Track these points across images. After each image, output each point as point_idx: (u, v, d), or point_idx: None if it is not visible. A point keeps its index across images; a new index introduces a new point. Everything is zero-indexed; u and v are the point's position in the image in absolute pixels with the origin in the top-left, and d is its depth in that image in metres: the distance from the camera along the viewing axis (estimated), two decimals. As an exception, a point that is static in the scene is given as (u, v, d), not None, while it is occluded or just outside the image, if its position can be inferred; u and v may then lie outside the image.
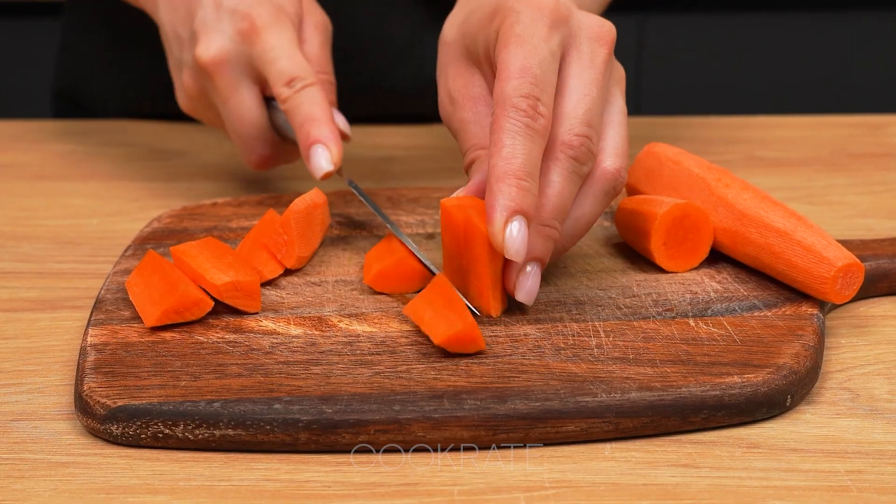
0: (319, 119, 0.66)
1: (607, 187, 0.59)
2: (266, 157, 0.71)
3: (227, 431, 0.51)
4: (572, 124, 0.57)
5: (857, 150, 0.86)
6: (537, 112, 0.56)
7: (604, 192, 0.59)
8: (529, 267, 0.57)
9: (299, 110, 0.66)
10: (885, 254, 0.65)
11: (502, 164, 0.55)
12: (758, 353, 0.55)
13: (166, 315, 0.57)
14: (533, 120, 0.55)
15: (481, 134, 0.61)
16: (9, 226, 0.74)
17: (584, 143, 0.57)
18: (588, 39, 0.59)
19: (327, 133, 0.66)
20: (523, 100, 0.55)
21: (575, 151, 0.57)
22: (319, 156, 0.65)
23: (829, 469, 0.50)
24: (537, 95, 0.56)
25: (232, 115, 0.69)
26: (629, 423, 0.52)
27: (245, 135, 0.69)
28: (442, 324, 0.55)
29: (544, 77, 0.56)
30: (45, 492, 0.49)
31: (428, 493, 0.49)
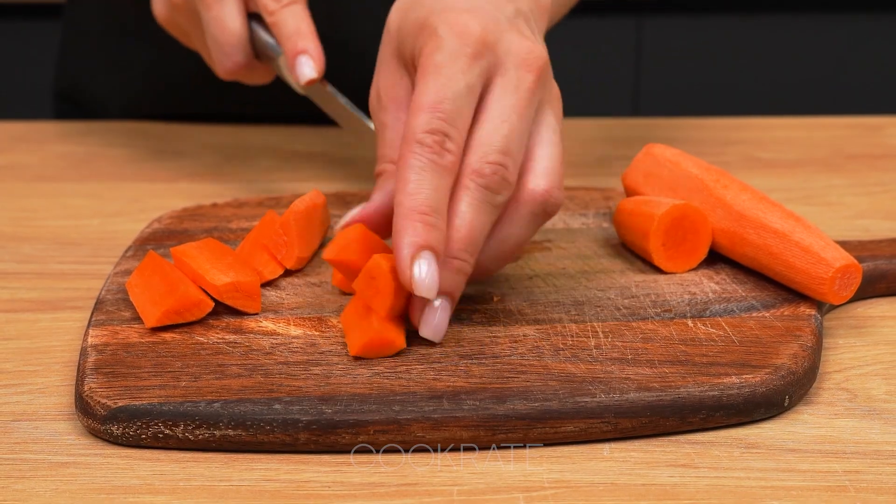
0: (305, 33, 0.69)
1: (535, 209, 0.56)
2: (240, 66, 0.73)
3: (228, 432, 0.51)
4: (485, 152, 0.55)
5: (854, 151, 0.86)
6: (444, 149, 0.54)
7: (531, 214, 0.56)
8: (437, 301, 0.55)
9: (287, 23, 0.69)
10: (883, 255, 0.65)
11: (407, 202, 0.53)
12: (756, 353, 0.55)
13: (167, 316, 0.57)
14: (439, 156, 0.54)
15: (395, 143, 0.59)
16: (9, 226, 0.74)
17: (496, 171, 0.55)
18: (514, 66, 0.57)
19: (312, 45, 0.69)
20: (429, 136, 0.54)
21: (486, 180, 0.55)
22: (304, 64, 0.69)
23: (827, 469, 0.50)
24: (445, 131, 0.54)
25: (214, 21, 0.71)
26: (628, 423, 0.52)
27: (224, 42, 0.71)
28: (356, 333, 0.55)
29: (455, 112, 0.55)
30: (46, 492, 0.49)
31: (427, 493, 0.49)
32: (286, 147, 0.87)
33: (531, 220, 0.57)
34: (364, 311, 0.55)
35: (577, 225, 0.69)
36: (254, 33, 0.73)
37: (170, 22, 0.75)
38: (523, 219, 0.57)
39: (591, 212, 0.71)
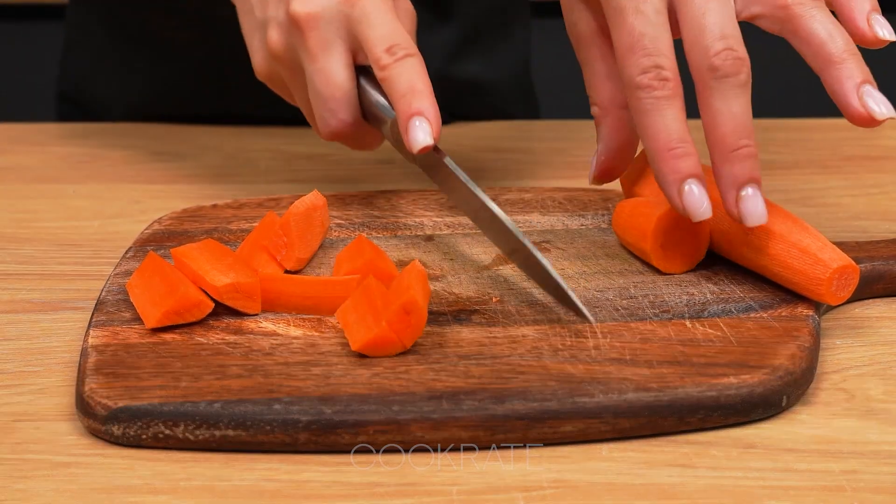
0: (422, 91, 0.62)
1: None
2: (346, 125, 0.65)
3: (228, 432, 0.51)
4: (705, 46, 0.56)
5: (851, 152, 0.86)
6: (661, 79, 0.56)
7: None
8: (748, 190, 0.57)
9: (400, 79, 0.62)
10: (880, 256, 0.65)
11: (652, 145, 0.57)
12: (754, 354, 0.55)
13: (167, 316, 0.57)
14: (661, 90, 0.56)
15: (591, 83, 0.63)
16: (10, 228, 0.74)
17: (727, 56, 0.56)
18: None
19: (428, 106, 0.61)
20: (644, 76, 0.56)
21: (722, 70, 0.56)
22: (418, 128, 0.61)
23: (825, 469, 0.50)
24: (656, 63, 0.56)
25: (319, 75, 0.64)
26: (626, 423, 0.52)
27: (329, 97, 0.64)
28: (361, 329, 0.55)
29: (656, 39, 0.57)
30: (47, 492, 0.49)
31: (427, 492, 0.49)
32: (286, 149, 0.87)
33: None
34: (369, 307, 0.55)
35: (575, 226, 0.69)
36: (363, 91, 0.66)
37: (270, 77, 0.69)
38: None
39: (589, 213, 0.71)
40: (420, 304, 0.54)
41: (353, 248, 0.62)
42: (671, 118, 0.57)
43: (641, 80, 0.57)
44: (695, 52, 0.57)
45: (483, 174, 0.83)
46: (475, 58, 0.95)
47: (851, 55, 0.57)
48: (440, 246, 0.67)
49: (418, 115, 0.61)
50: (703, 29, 0.57)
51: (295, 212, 0.63)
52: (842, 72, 0.57)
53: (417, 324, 0.55)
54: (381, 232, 0.69)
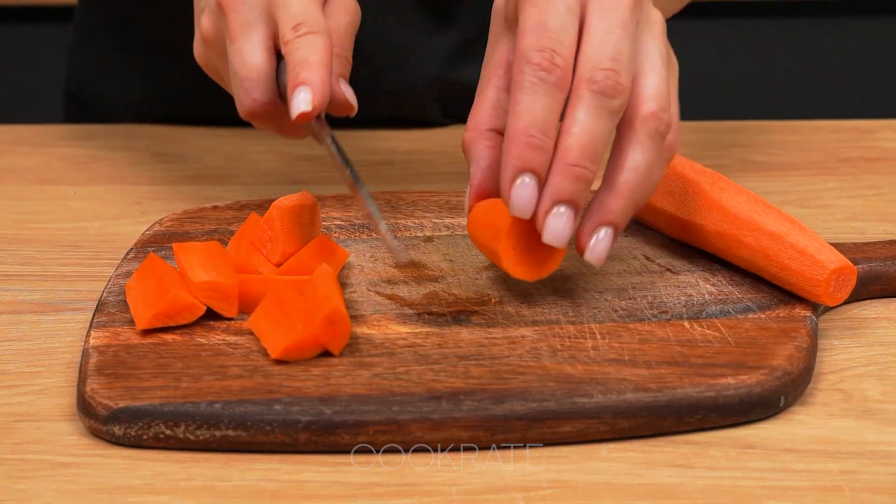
0: (313, 64, 0.62)
1: (651, 132, 0.56)
2: (260, 105, 0.65)
3: (228, 432, 0.51)
4: (596, 61, 0.55)
5: (848, 154, 0.86)
6: (553, 63, 0.54)
7: (649, 137, 0.56)
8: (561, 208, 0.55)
9: (297, 53, 0.62)
10: (877, 257, 0.65)
11: (514, 123, 0.54)
12: (752, 354, 0.55)
13: (157, 318, 0.57)
14: (548, 73, 0.54)
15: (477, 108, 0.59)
16: (12, 229, 0.74)
17: (609, 76, 0.54)
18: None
19: (316, 77, 0.61)
20: (537, 53, 0.54)
21: (599, 85, 0.54)
22: (300, 97, 0.61)
23: (823, 469, 0.50)
24: (553, 47, 0.54)
25: (236, 55, 0.65)
26: (625, 423, 0.52)
27: (245, 76, 0.65)
28: (277, 335, 0.55)
29: (560, 28, 0.55)
30: (48, 492, 0.49)
31: (427, 492, 0.49)
32: (286, 150, 0.87)
33: (651, 143, 0.56)
34: (282, 313, 0.55)
35: (574, 227, 0.69)
36: (282, 73, 0.65)
37: (205, 62, 0.70)
38: (643, 142, 0.56)
39: (588, 214, 0.71)
40: (343, 312, 0.54)
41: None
42: (544, 106, 0.54)
43: (533, 56, 0.54)
44: (584, 62, 0.55)
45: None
46: (475, 62, 0.95)
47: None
48: (439, 247, 0.67)
49: (303, 84, 0.61)
50: (602, 46, 0.55)
51: (280, 206, 0.62)
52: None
53: (343, 331, 0.55)
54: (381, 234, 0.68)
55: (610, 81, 0.54)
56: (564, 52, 0.55)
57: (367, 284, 0.62)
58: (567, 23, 0.55)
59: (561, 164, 0.54)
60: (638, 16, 0.57)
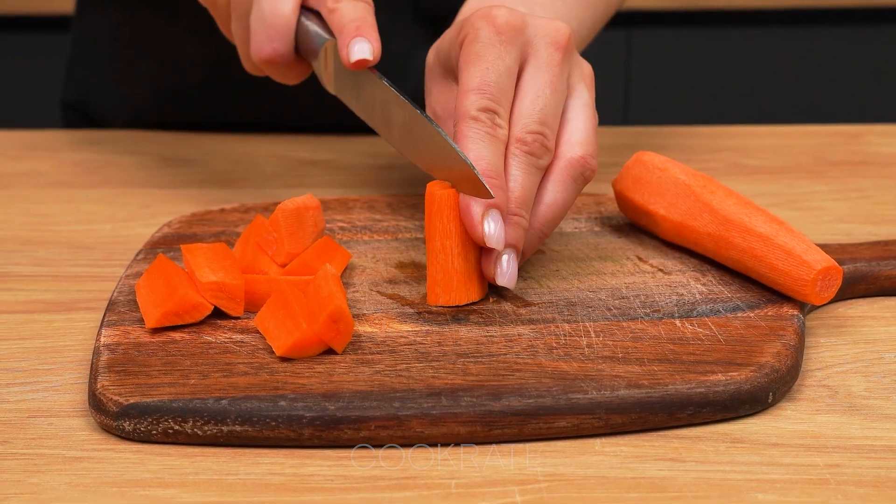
0: (370, 24, 0.64)
1: (574, 174, 0.61)
2: (278, 55, 0.66)
3: (235, 427, 0.51)
4: (526, 123, 0.59)
5: (835, 157, 0.86)
6: (494, 123, 0.58)
7: (571, 179, 0.61)
8: (506, 254, 0.58)
9: (350, 12, 0.64)
10: (863, 257, 0.65)
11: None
12: (741, 352, 0.55)
13: (165, 317, 0.57)
14: (492, 130, 0.58)
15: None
16: (25, 231, 0.74)
17: (536, 139, 0.59)
18: (544, 45, 0.61)
19: (373, 36, 0.63)
20: (481, 113, 0.58)
21: (529, 147, 0.59)
22: (360, 46, 0.63)
23: (809, 463, 0.51)
24: (494, 109, 0.59)
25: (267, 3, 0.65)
26: (618, 419, 0.52)
27: (272, 24, 0.65)
28: (282, 334, 0.55)
29: (500, 91, 0.59)
30: (60, 485, 0.49)
31: (427, 486, 0.49)
32: (291, 154, 0.87)
33: (571, 184, 0.61)
34: (287, 312, 0.56)
35: (569, 229, 0.69)
36: (301, 26, 0.66)
37: (232, 24, 0.69)
38: (565, 183, 0.61)
39: (583, 216, 0.71)
40: (346, 311, 0.55)
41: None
42: (492, 150, 0.58)
43: (478, 115, 0.58)
44: (516, 122, 0.60)
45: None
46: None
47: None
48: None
49: (362, 36, 0.63)
50: (532, 107, 0.60)
51: (284, 209, 0.62)
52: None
53: (346, 330, 0.55)
54: (382, 235, 0.69)
55: (537, 144, 0.59)
56: (503, 112, 0.59)
57: (368, 284, 0.63)
58: (506, 84, 0.60)
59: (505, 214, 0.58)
60: (567, 68, 0.62)
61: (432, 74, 0.66)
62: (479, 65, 0.59)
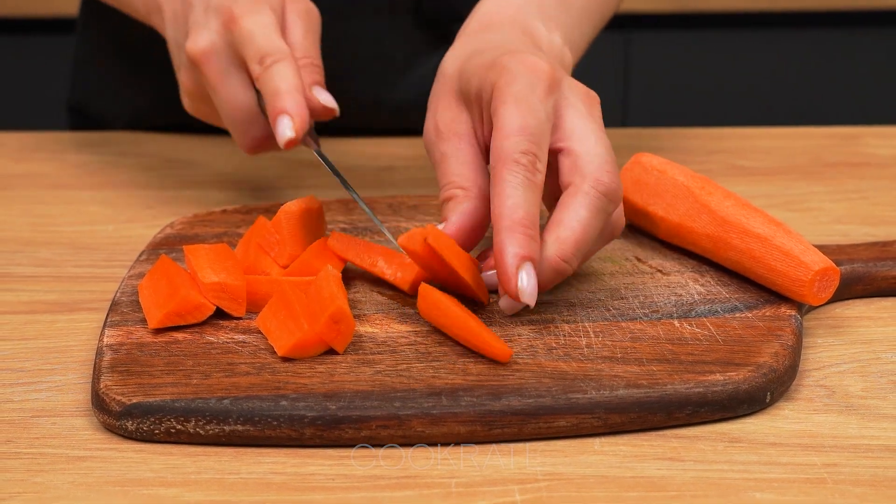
0: (284, 92, 0.65)
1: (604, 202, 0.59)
2: (258, 140, 0.69)
3: (237, 427, 0.51)
4: (601, 162, 0.58)
5: (832, 159, 0.86)
6: (535, 168, 0.57)
7: (601, 204, 0.58)
8: (524, 270, 0.56)
9: (269, 84, 0.66)
10: (860, 258, 0.65)
11: (510, 214, 0.56)
12: (739, 352, 0.55)
13: (168, 318, 0.57)
14: (532, 174, 0.57)
15: (459, 171, 0.61)
16: (29, 232, 0.74)
17: (615, 181, 0.58)
18: (580, 100, 0.60)
19: (292, 104, 0.65)
20: (524, 156, 0.57)
21: (606, 187, 0.57)
22: (283, 125, 0.65)
23: (807, 462, 0.51)
24: (535, 152, 0.57)
25: (223, 103, 0.68)
26: (617, 418, 0.52)
27: (236, 119, 0.68)
28: (283, 334, 0.55)
29: (541, 135, 0.58)
30: (64, 484, 0.49)
31: (427, 485, 0.49)
32: (293, 157, 0.87)
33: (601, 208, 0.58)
34: (288, 313, 0.56)
35: (568, 230, 0.69)
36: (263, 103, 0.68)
37: (197, 111, 0.73)
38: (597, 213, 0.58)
39: (582, 218, 0.71)
40: (347, 312, 0.55)
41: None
42: (534, 202, 0.57)
43: (520, 157, 0.57)
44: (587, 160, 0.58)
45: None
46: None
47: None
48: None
49: (281, 113, 0.65)
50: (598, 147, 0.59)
51: (287, 210, 0.63)
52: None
53: (347, 330, 0.55)
54: (382, 235, 0.69)
55: (613, 185, 0.58)
56: (543, 157, 0.58)
57: (369, 285, 0.63)
58: (545, 130, 0.58)
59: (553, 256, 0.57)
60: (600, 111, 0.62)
61: (446, 87, 0.64)
62: (519, 107, 0.58)
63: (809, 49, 1.77)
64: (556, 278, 0.57)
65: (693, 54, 1.77)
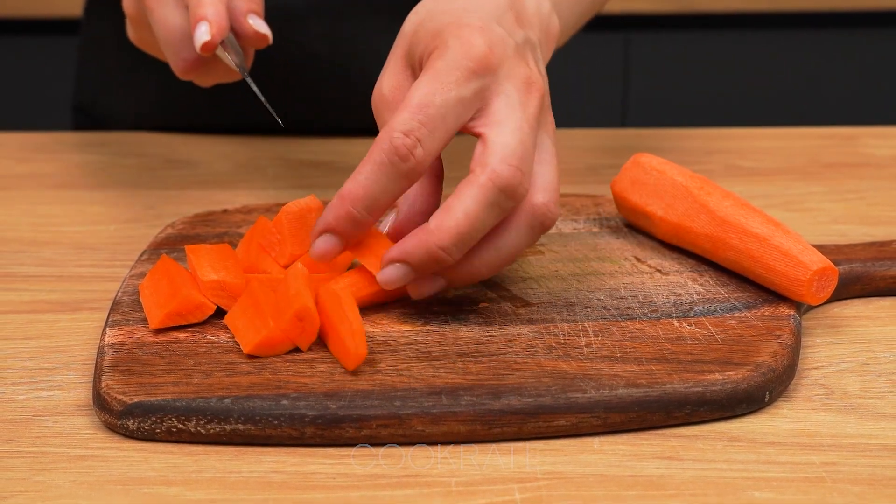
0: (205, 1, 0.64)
1: (534, 222, 0.55)
2: (190, 62, 0.67)
3: (238, 426, 0.51)
4: (505, 155, 0.53)
5: (830, 159, 0.86)
6: (411, 154, 0.53)
7: (529, 226, 0.55)
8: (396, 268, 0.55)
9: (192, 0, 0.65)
10: (858, 258, 0.65)
11: (348, 186, 0.54)
12: (738, 351, 0.55)
13: (169, 317, 0.57)
14: (402, 161, 0.53)
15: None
16: (31, 232, 0.74)
17: (514, 176, 0.53)
18: (516, 89, 0.56)
19: (211, 11, 0.64)
20: (401, 136, 0.53)
21: (504, 181, 0.53)
22: (200, 31, 0.64)
23: (805, 461, 0.51)
24: (419, 136, 0.53)
25: (158, 24, 0.67)
26: (617, 417, 0.52)
27: (170, 40, 0.67)
28: (250, 332, 0.55)
29: (439, 118, 0.53)
30: (65, 483, 0.49)
31: (427, 484, 0.49)
32: (293, 156, 0.87)
33: (529, 231, 0.56)
34: (256, 311, 0.55)
35: (568, 230, 0.70)
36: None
37: (140, 41, 0.72)
38: (521, 229, 0.56)
39: (581, 218, 0.71)
40: (312, 309, 0.54)
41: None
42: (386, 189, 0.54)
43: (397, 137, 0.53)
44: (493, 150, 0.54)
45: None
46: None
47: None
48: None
49: (201, 19, 0.64)
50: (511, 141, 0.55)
51: (288, 211, 0.62)
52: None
53: (311, 328, 0.55)
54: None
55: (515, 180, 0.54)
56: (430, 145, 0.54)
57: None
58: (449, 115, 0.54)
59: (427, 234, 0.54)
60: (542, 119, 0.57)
61: (398, 48, 0.60)
62: (430, 83, 0.54)
63: (808, 50, 1.77)
64: (431, 264, 0.54)
65: (693, 54, 1.77)
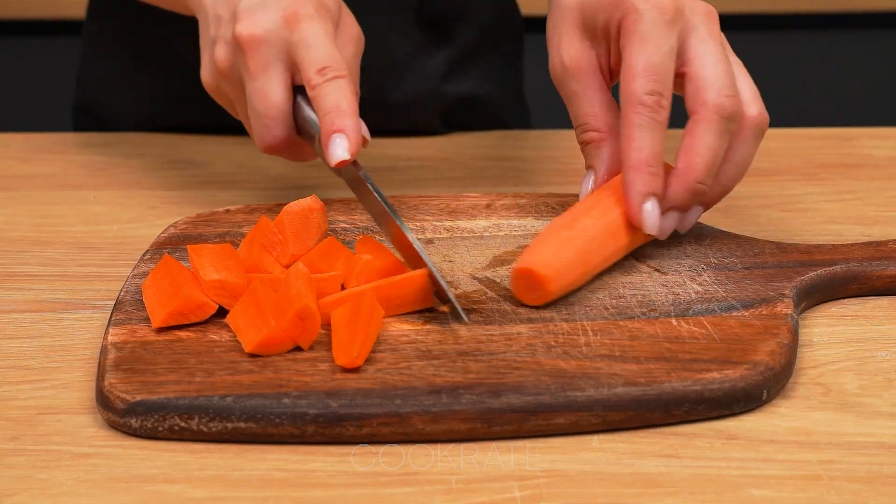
0: (345, 111, 0.63)
1: (756, 131, 0.64)
2: (280, 141, 0.67)
3: (239, 424, 0.51)
4: (720, 87, 0.62)
5: (827, 160, 0.86)
6: (660, 106, 0.61)
7: (754, 136, 0.64)
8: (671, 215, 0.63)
9: (327, 99, 0.64)
10: (855, 258, 0.65)
11: (635, 155, 0.61)
12: (736, 350, 0.55)
13: (171, 317, 0.57)
14: (657, 113, 0.61)
15: (591, 111, 0.65)
16: (34, 232, 0.74)
17: (734, 103, 0.62)
18: (702, 22, 0.64)
19: (350, 124, 0.63)
20: (649, 97, 0.61)
21: (727, 112, 0.61)
22: (337, 144, 0.63)
23: (803, 459, 0.51)
24: (660, 91, 0.61)
25: (257, 94, 0.66)
26: (615, 416, 0.52)
27: (265, 115, 0.66)
28: (251, 331, 0.55)
29: (665, 72, 0.61)
30: (69, 481, 0.49)
31: (427, 481, 0.49)
32: (294, 157, 0.87)
33: (754, 140, 0.64)
34: (257, 310, 0.55)
35: (567, 230, 0.69)
36: (298, 108, 0.67)
37: (216, 90, 0.70)
38: (748, 141, 0.64)
39: (580, 217, 0.71)
40: (313, 309, 0.54)
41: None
42: (658, 140, 0.61)
43: (646, 98, 0.61)
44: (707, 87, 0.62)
45: (480, 181, 0.83)
46: (473, 73, 0.96)
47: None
48: (440, 248, 0.67)
49: (339, 132, 0.63)
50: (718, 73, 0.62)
51: (289, 211, 0.62)
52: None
53: (313, 327, 0.55)
54: (383, 235, 0.69)
55: (734, 108, 0.62)
56: (667, 93, 0.62)
57: (370, 284, 0.62)
58: (670, 66, 0.62)
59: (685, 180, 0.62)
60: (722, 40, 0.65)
61: (567, 20, 0.66)
62: (644, 46, 0.61)
63: (805, 51, 1.77)
64: (694, 199, 0.62)
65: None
